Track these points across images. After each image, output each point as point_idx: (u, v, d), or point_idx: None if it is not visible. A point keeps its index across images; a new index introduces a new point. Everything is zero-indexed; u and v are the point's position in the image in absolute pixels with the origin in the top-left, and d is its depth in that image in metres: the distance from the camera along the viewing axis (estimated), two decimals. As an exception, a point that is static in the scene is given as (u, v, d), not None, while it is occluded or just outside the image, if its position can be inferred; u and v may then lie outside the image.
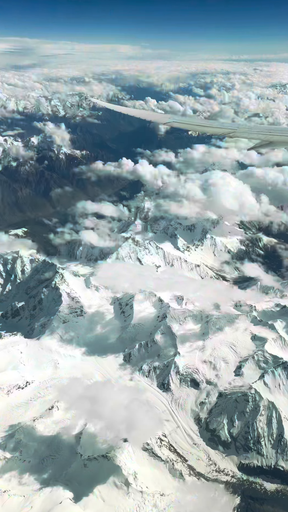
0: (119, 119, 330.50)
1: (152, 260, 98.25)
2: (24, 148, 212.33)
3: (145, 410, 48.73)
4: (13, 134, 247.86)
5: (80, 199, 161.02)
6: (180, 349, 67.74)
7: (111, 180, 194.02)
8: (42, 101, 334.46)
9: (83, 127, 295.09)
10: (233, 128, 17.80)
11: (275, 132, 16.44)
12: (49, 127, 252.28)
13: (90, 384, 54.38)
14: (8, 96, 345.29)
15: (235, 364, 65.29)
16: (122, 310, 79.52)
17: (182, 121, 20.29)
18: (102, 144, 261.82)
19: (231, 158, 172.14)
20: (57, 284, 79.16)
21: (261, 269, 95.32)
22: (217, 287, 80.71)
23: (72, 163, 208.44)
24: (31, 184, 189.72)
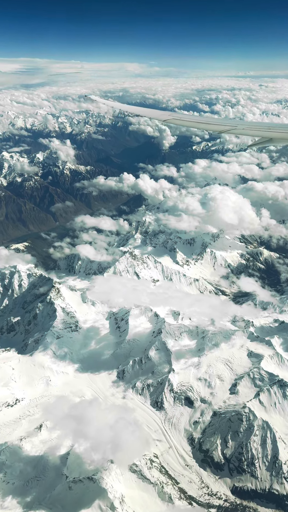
0: (124, 135, 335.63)
1: (150, 274, 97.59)
2: (30, 164, 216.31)
3: (131, 430, 47.15)
4: (18, 150, 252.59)
5: (81, 213, 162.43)
6: (174, 366, 66.25)
7: (112, 195, 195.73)
8: (50, 118, 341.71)
9: (89, 143, 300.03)
10: (233, 125, 17.52)
11: (275, 129, 16.03)
12: (54, 143, 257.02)
13: (77, 403, 53.13)
14: (17, 114, 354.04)
15: (231, 381, 63.48)
16: (117, 325, 78.55)
17: (182, 118, 20.02)
18: (107, 159, 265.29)
19: (232, 173, 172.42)
20: (52, 299, 78.70)
21: (258, 284, 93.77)
22: (212, 302, 79.33)
23: (76, 178, 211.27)
24: (35, 199, 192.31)
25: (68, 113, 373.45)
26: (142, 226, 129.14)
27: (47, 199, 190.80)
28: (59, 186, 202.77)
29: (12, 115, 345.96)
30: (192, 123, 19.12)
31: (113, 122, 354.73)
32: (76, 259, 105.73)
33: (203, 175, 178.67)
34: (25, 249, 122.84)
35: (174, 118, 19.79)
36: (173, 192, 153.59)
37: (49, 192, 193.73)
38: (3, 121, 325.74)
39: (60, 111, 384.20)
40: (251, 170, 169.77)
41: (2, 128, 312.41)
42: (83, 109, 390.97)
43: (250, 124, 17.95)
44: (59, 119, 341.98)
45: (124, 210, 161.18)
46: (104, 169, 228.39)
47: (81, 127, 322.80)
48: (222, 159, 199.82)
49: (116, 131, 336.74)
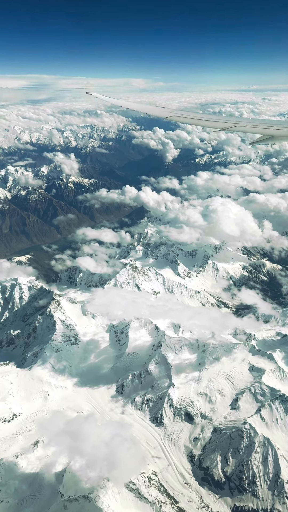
0: (128, 149, 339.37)
1: (151, 286, 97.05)
2: (34, 178, 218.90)
3: (127, 447, 46.01)
4: (23, 164, 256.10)
5: (84, 225, 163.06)
6: (174, 380, 65.14)
7: (115, 207, 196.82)
8: (55, 133, 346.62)
9: (93, 157, 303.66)
10: (235, 122, 17.44)
11: (277, 126, 15.77)
12: (59, 157, 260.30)
13: (73, 418, 52.16)
14: (23, 128, 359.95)
15: (232, 396, 62.16)
16: (117, 338, 77.78)
17: (183, 115, 19.87)
18: (111, 172, 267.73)
19: (234, 185, 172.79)
20: (51, 311, 78.30)
21: (259, 296, 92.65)
22: (213, 314, 78.36)
23: (80, 191, 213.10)
24: (39, 211, 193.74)
25: (73, 127, 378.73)
26: (144, 238, 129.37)
27: (51, 211, 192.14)
28: (63, 199, 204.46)
29: (18, 129, 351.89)
30: (194, 120, 18.95)
31: (117, 136, 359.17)
32: (77, 271, 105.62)
33: (205, 187, 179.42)
34: (28, 262, 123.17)
35: (176, 115, 19.62)
36: (175, 204, 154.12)
37: (52, 205, 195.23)
38: (9, 136, 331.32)
39: (65, 125, 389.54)
40: (253, 182, 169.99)
41: (8, 143, 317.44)
42: (88, 124, 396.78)
43: (252, 122, 17.83)
44: (64, 134, 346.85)
45: (126, 222, 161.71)
46: (108, 182, 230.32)
47: (85, 141, 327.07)
48: (224, 171, 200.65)
49: (120, 145, 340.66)
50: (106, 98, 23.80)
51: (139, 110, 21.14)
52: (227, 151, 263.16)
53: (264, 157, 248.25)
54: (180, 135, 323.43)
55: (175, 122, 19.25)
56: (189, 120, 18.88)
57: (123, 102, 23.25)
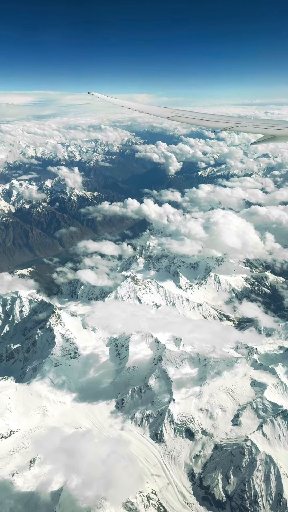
0: (132, 162, 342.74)
1: (153, 299, 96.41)
2: (38, 191, 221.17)
3: (124, 465, 44.84)
4: (27, 178, 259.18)
5: (87, 238, 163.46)
6: (175, 395, 63.99)
7: (118, 220, 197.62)
8: (59, 147, 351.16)
9: (97, 170, 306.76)
10: (237, 122, 17.31)
11: (278, 126, 15.65)
12: (62, 171, 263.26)
13: (69, 435, 51.12)
14: (28, 143, 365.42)
15: (233, 412, 60.85)
16: (117, 351, 76.91)
17: (185, 115, 19.62)
18: (114, 185, 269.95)
19: (236, 197, 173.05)
20: (51, 325, 77.80)
21: (261, 309, 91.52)
22: (214, 327, 77.37)
23: (83, 204, 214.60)
24: (42, 224, 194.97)
25: (78, 142, 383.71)
26: (146, 251, 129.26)
27: (54, 224, 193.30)
28: (66, 212, 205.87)
29: (23, 144, 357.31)
30: (195, 120, 18.78)
31: (121, 150, 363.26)
32: (78, 284, 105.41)
33: (207, 199, 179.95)
34: (30, 275, 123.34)
35: (177, 115, 19.42)
36: (177, 216, 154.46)
37: (56, 218, 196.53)
38: (14, 151, 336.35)
39: (70, 140, 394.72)
40: (255, 194, 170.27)
41: (13, 157, 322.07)
42: (92, 138, 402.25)
43: (254, 122, 17.73)
44: (68, 148, 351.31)
45: (127, 235, 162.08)
46: (111, 195, 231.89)
47: (89, 155, 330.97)
48: (226, 184, 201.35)
49: (124, 159, 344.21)
50: (108, 98, 23.67)
51: (140, 111, 20.94)
52: (229, 164, 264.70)
53: (267, 170, 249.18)
54: (183, 148, 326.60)
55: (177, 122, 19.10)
56: (190, 120, 18.73)
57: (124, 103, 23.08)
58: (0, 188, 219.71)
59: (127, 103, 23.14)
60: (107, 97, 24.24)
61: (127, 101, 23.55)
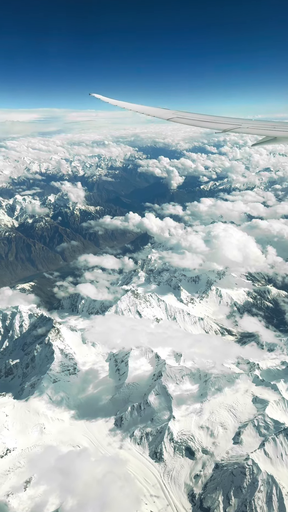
0: (135, 177, 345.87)
1: (153, 313, 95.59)
2: (41, 206, 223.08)
3: (119, 485, 43.56)
4: (31, 193, 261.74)
5: (89, 252, 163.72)
6: (175, 413, 62.71)
7: (120, 233, 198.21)
8: (63, 163, 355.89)
9: (100, 185, 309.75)
10: (237, 124, 17.26)
11: (280, 127, 15.62)
12: (66, 185, 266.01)
13: (65, 454, 49.92)
14: (32, 159, 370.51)
15: (234, 430, 59.39)
16: (117, 367, 75.90)
17: (186, 117, 19.61)
18: (117, 199, 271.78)
19: (238, 211, 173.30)
20: (50, 340, 77.14)
21: (262, 323, 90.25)
22: (214, 342, 76.25)
23: (86, 218, 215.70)
24: (45, 238, 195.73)
25: (81, 157, 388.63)
26: (147, 264, 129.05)
27: (57, 238, 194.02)
28: (69, 226, 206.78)
29: (28, 160, 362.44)
30: (196, 122, 18.75)
31: (124, 164, 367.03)
32: (79, 298, 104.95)
33: (208, 213, 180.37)
34: (31, 289, 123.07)
35: (178, 116, 19.40)
36: (179, 230, 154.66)
37: (58, 232, 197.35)
38: (18, 167, 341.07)
39: (74, 156, 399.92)
40: (256, 208, 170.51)
41: (17, 173, 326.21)
42: (96, 154, 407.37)
43: (254, 123, 17.67)
44: (72, 163, 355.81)
45: (129, 249, 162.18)
46: (114, 209, 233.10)
47: (93, 170, 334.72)
48: (227, 197, 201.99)
49: (126, 173, 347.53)
50: (109, 100, 23.74)
51: (141, 112, 20.92)
52: (231, 178, 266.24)
53: (268, 184, 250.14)
54: (185, 163, 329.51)
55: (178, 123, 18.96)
56: (191, 122, 18.71)
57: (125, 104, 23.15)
58: (4, 203, 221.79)
59: (128, 104, 23.21)
60: (109, 99, 24.36)
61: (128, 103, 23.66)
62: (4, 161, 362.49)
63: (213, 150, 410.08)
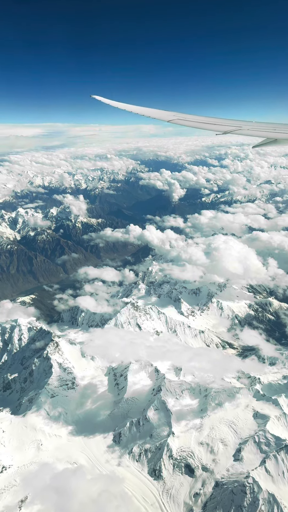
0: (137, 189, 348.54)
1: (153, 326, 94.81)
2: (43, 219, 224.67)
3: (115, 505, 42.37)
4: (33, 206, 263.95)
5: (89, 264, 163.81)
6: (174, 428, 61.41)
7: (121, 246, 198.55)
8: (66, 176, 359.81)
9: (102, 198, 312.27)
10: (238, 126, 17.21)
11: (280, 129, 15.62)
12: (68, 198, 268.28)
13: (60, 471, 48.81)
14: (36, 173, 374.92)
15: (235, 446, 58.00)
16: (116, 381, 74.87)
17: (186, 118, 19.59)
18: (119, 212, 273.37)
19: (239, 223, 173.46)
20: (49, 354, 76.40)
21: (263, 337, 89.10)
22: (215, 356, 75.23)
23: (87, 230, 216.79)
24: (46, 251, 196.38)
25: (84, 171, 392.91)
26: (148, 276, 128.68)
27: (58, 251, 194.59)
28: (71, 239, 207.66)
29: (31, 174, 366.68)
30: (197, 124, 18.71)
31: (126, 177, 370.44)
32: (79, 311, 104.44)
33: (209, 225, 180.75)
34: (31, 302, 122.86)
35: (179, 118, 19.42)
36: (180, 242, 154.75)
37: (60, 244, 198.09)
38: (22, 180, 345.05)
39: (77, 169, 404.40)
40: (257, 220, 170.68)
41: (20, 186, 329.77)
42: (98, 167, 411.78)
43: (255, 125, 17.62)
44: (75, 177, 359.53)
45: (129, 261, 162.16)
46: (115, 221, 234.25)
47: (95, 183, 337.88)
48: (228, 209, 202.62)
49: (128, 186, 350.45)
50: (110, 102, 23.89)
51: (142, 114, 20.96)
52: (232, 191, 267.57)
53: (270, 196, 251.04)
54: (186, 176, 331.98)
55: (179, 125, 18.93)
56: (192, 124, 18.68)
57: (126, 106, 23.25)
58: (7, 216, 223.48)
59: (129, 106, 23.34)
60: (109, 101, 24.53)
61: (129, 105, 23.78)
62: (7, 175, 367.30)
63: (214, 163, 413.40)
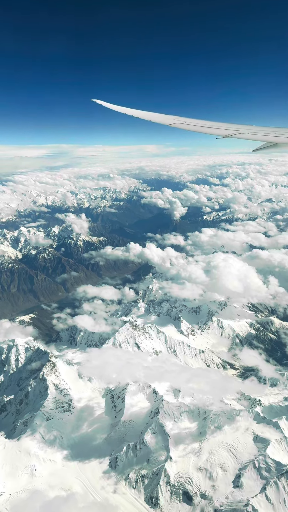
0: (139, 208, 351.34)
1: (152, 345, 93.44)
2: (45, 237, 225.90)
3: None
4: (36, 225, 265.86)
5: (90, 282, 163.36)
6: (172, 453, 59.56)
7: (122, 264, 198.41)
8: (69, 195, 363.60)
9: (104, 216, 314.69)
10: (238, 129, 17.10)
11: (280, 134, 15.56)
12: (70, 217, 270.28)
13: (51, 499, 47.05)
14: (39, 192, 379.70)
15: (234, 472, 55.98)
16: (113, 403, 73.22)
17: (187, 122, 19.53)
18: (121, 230, 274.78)
19: (239, 241, 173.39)
20: (45, 375, 75.13)
21: (262, 357, 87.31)
22: (214, 376, 73.56)
23: (89, 248, 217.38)
24: (47, 270, 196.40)
25: (87, 190, 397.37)
26: (148, 295, 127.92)
27: (59, 269, 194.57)
28: (72, 257, 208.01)
29: (35, 193, 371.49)
30: (197, 127, 18.65)
31: (128, 196, 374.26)
32: (77, 330, 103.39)
33: (210, 243, 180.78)
34: (31, 321, 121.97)
35: (179, 122, 19.39)
36: (180, 260, 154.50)
37: (61, 263, 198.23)
38: (25, 200, 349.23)
39: (80, 188, 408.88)
40: (257, 238, 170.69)
41: (24, 206, 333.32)
42: (101, 186, 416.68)
43: (256, 129, 17.54)
44: (77, 196, 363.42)
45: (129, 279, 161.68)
46: (117, 239, 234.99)
47: (97, 202, 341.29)
48: (229, 227, 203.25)
49: (131, 204, 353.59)
50: (110, 106, 24.04)
51: (142, 117, 20.98)
52: (233, 209, 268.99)
53: (271, 214, 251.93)
54: (187, 194, 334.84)
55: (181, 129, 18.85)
56: (192, 127, 18.65)
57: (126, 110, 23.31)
58: (9, 235, 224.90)
59: (129, 110, 23.41)
60: (110, 105, 24.73)
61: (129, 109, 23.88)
62: (11, 194, 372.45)
63: (216, 182, 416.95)
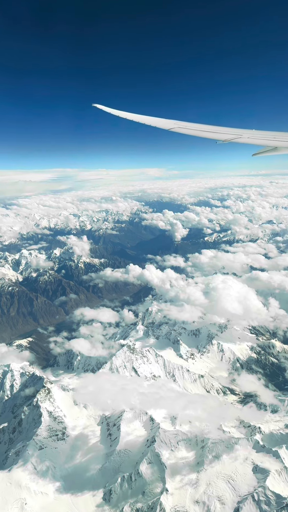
0: (140, 229, 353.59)
1: (150, 370, 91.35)
2: (46, 260, 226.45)
3: None
4: (37, 247, 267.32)
5: (90, 305, 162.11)
6: (168, 484, 57.12)
7: (122, 286, 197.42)
8: (71, 218, 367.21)
9: (106, 238, 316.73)
10: (238, 134, 17.04)
11: (280, 138, 15.68)
12: (71, 239, 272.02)
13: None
14: (42, 215, 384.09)
15: (233, 505, 53.30)
16: (109, 431, 70.84)
17: (187, 127, 19.50)
18: (122, 252, 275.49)
19: (239, 262, 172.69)
20: (39, 401, 73.18)
21: (261, 382, 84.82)
22: (212, 403, 71.27)
23: (90, 270, 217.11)
24: (48, 292, 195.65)
25: (89, 212, 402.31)
26: (148, 317, 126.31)
27: (60, 292, 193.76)
28: (72, 279, 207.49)
29: (38, 216, 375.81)
30: (197, 132, 18.64)
31: (130, 218, 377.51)
32: (74, 354, 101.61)
33: (210, 264, 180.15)
34: (28, 345, 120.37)
35: (179, 126, 19.39)
36: (180, 281, 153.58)
37: (62, 285, 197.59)
38: (28, 222, 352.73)
39: (82, 211, 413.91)
40: (257, 259, 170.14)
41: (26, 228, 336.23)
42: (103, 209, 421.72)
43: (256, 133, 17.50)
44: (80, 218, 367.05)
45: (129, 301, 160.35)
46: (118, 261, 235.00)
47: (99, 224, 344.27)
48: (229, 249, 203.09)
49: (133, 226, 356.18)
50: (111, 110, 24.20)
51: (142, 122, 21.04)
52: (234, 230, 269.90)
53: (271, 236, 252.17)
54: (188, 216, 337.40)
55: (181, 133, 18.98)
56: (192, 132, 18.65)
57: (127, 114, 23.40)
58: (10, 258, 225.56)
59: (129, 115, 23.55)
60: (110, 110, 24.95)
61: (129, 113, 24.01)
62: (15, 217, 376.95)
63: (217, 204, 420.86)
